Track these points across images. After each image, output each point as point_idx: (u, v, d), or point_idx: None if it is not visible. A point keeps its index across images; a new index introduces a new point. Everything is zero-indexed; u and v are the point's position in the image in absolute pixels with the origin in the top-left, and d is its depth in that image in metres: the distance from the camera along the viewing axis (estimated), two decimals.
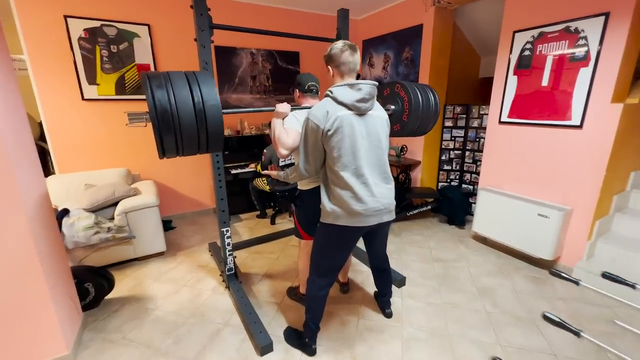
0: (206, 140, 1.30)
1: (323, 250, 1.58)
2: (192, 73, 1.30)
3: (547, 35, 2.30)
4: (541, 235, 2.38)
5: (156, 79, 1.22)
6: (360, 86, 1.38)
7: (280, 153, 1.56)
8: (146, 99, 1.19)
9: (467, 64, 3.96)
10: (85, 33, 2.81)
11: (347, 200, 1.39)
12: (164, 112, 1.17)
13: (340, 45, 1.41)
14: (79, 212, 2.41)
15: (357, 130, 1.38)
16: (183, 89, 1.22)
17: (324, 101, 1.41)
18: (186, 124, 1.22)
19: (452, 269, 2.50)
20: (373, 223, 1.47)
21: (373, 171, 1.44)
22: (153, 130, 1.21)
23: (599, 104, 2.09)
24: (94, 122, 3.01)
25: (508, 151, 2.69)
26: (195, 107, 1.23)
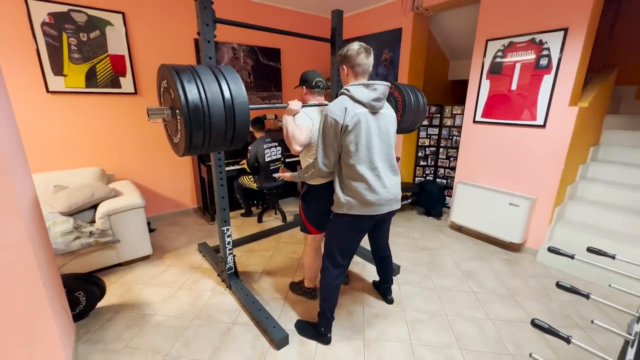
0: (232, 136, 1.29)
1: (338, 239, 1.65)
2: (217, 68, 1.28)
3: (516, 45, 2.59)
4: (512, 222, 2.70)
5: (185, 73, 1.18)
6: (376, 86, 1.47)
7: (294, 149, 1.61)
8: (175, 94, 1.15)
9: (437, 67, 4.27)
10: (49, 18, 2.53)
11: (361, 192, 1.48)
12: (196, 109, 1.14)
13: (357, 47, 1.49)
14: (54, 217, 2.19)
15: (372, 127, 1.47)
16: (213, 84, 1.20)
17: (341, 99, 1.47)
18: (216, 120, 1.20)
19: (438, 256, 2.72)
20: (385, 211, 1.57)
21: (384, 164, 1.54)
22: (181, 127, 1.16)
23: (559, 106, 2.43)
24: (61, 117, 2.72)
25: (481, 148, 2.98)
26: (225, 104, 1.21)
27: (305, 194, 1.85)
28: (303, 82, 1.83)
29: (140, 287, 2.24)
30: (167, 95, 1.28)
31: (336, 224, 1.63)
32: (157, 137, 3.23)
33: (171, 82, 1.17)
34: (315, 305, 1.96)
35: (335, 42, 2.38)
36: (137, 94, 3.04)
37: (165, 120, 1.35)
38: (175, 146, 1.35)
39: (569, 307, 2.06)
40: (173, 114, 1.25)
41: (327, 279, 1.68)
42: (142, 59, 3.01)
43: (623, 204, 2.60)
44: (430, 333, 1.82)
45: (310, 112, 1.73)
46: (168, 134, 1.42)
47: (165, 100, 1.33)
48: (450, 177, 3.78)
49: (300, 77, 1.84)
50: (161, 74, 1.29)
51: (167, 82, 1.23)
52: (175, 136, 1.32)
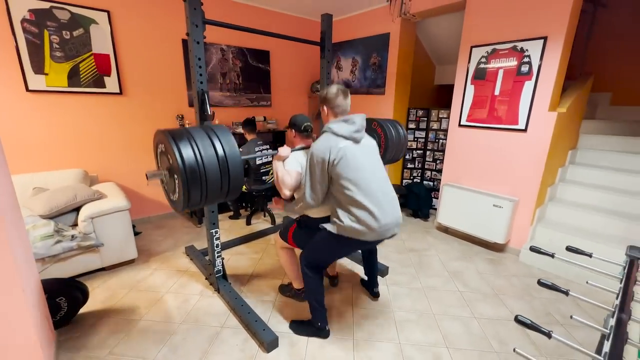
0: (227, 190, 1.37)
1: (326, 254, 1.70)
2: (210, 129, 1.36)
3: (499, 52, 2.69)
4: (495, 223, 2.78)
5: (180, 135, 1.26)
6: (354, 119, 1.58)
7: (284, 194, 1.67)
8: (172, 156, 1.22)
9: (424, 71, 4.36)
10: (30, 15, 2.46)
11: (364, 219, 1.49)
12: (193, 170, 1.22)
13: (335, 91, 1.60)
14: (33, 220, 2.12)
15: (358, 156, 1.55)
16: (207, 145, 1.28)
17: (324, 137, 1.57)
18: (212, 178, 1.27)
19: (425, 257, 2.77)
20: (387, 236, 1.60)
21: (380, 190, 1.57)
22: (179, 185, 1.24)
23: (540, 111, 2.53)
24: (42, 117, 2.64)
25: (467, 151, 3.07)
26: (220, 162, 1.29)
27: (302, 222, 1.87)
28: (292, 125, 1.87)
29: (124, 292, 2.18)
30: (164, 158, 1.35)
31: (331, 241, 1.62)
32: (142, 138, 3.17)
33: (168, 146, 1.24)
34: (304, 305, 1.98)
35: (325, 46, 2.40)
36: (123, 94, 2.97)
37: (164, 182, 1.42)
38: (173, 203, 1.41)
39: (550, 305, 2.14)
40: (171, 175, 1.32)
41: (308, 278, 1.73)
42: (128, 58, 2.95)
43: (599, 205, 2.72)
44: (418, 332, 1.86)
45: (299, 155, 1.79)
46: (166, 191, 1.47)
47: (162, 162, 1.39)
48: (437, 180, 3.86)
49: (290, 121, 1.89)
50: (157, 139, 1.37)
51: (164, 146, 1.29)
52: (173, 194, 1.37)
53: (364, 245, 1.61)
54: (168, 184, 1.38)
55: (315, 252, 1.72)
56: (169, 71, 3.21)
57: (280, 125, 4.22)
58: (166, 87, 3.22)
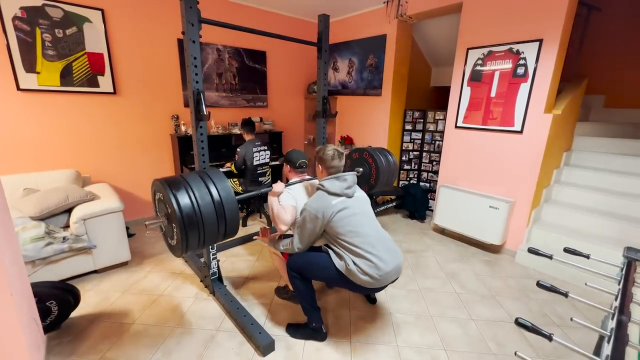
0: (224, 230, 1.42)
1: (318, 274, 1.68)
2: (205, 173, 1.44)
3: (495, 54, 2.70)
4: (492, 224, 2.78)
5: (176, 184, 1.32)
6: (346, 177, 1.68)
7: (280, 229, 1.74)
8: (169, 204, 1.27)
9: (420, 73, 4.38)
10: (22, 12, 2.41)
11: (366, 268, 1.51)
12: (190, 217, 1.26)
13: (331, 153, 1.70)
14: (23, 221, 2.07)
15: (352, 208, 1.61)
16: (203, 191, 1.34)
17: (318, 194, 1.65)
18: (209, 221, 1.32)
19: (422, 259, 2.77)
20: (386, 284, 1.61)
21: (378, 239, 1.61)
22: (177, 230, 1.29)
23: (535, 113, 2.54)
24: (34, 116, 2.59)
25: (463, 152, 3.07)
26: (215, 204, 1.34)
27: None
28: (288, 161, 1.97)
29: (117, 295, 2.14)
30: (162, 206, 1.40)
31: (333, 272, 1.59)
32: (137, 138, 3.13)
33: (165, 195, 1.29)
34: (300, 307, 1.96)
35: (322, 46, 2.39)
36: (117, 93, 2.93)
37: (162, 229, 1.46)
38: (172, 248, 1.47)
39: (547, 306, 2.14)
40: (169, 222, 1.36)
41: (295, 281, 1.72)
42: (123, 57, 2.91)
43: (594, 207, 2.74)
44: (415, 335, 1.84)
45: (293, 190, 1.87)
46: (165, 236, 1.52)
47: (160, 209, 1.45)
48: (433, 181, 3.87)
49: (285, 156, 1.98)
50: (155, 187, 1.42)
51: (162, 195, 1.34)
52: (171, 240, 1.42)
53: (362, 290, 1.64)
54: (167, 230, 1.43)
55: (310, 269, 1.68)
56: (164, 71, 3.17)
57: (276, 126, 4.19)
58: (161, 86, 3.19)
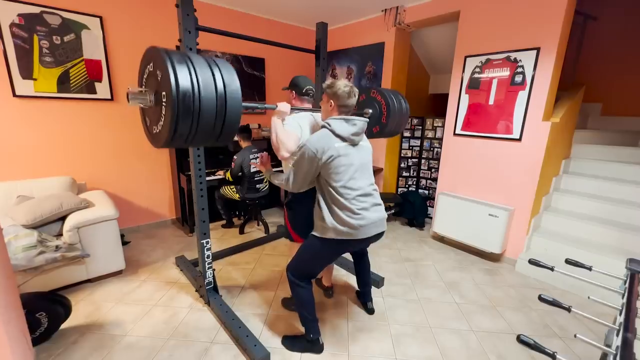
0: (220, 130, 1.18)
1: (312, 259, 1.66)
2: (210, 57, 1.18)
3: (492, 62, 2.70)
4: (491, 233, 2.76)
5: (177, 55, 1.07)
6: (355, 122, 1.55)
7: (281, 155, 1.63)
8: (164, 76, 1.03)
9: (419, 80, 4.39)
10: (20, 19, 2.41)
11: (347, 219, 1.49)
12: (186, 92, 1.03)
13: (347, 90, 1.53)
14: (15, 230, 2.03)
15: (352, 159, 1.53)
16: (205, 70, 1.10)
17: (323, 132, 1.53)
18: (206, 108, 1.08)
19: (421, 267, 2.73)
20: (370, 234, 1.58)
21: (366, 190, 1.58)
22: (166, 114, 1.05)
23: (533, 121, 2.54)
24: (29, 123, 2.56)
25: (462, 160, 3.06)
26: (217, 91, 1.10)
27: (291, 202, 1.85)
28: (293, 86, 1.82)
29: (110, 306, 2.09)
30: (151, 80, 1.15)
31: (315, 246, 1.61)
32: (133, 144, 3.10)
33: (160, 63, 1.05)
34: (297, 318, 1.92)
35: (319, 54, 2.39)
36: (114, 100, 2.92)
37: (146, 106, 1.21)
38: (153, 137, 1.22)
39: (548, 317, 2.10)
40: (157, 100, 1.12)
41: (298, 290, 1.68)
42: (120, 64, 2.91)
43: (594, 215, 2.72)
44: (415, 347, 1.80)
45: (301, 120, 1.73)
46: (146, 124, 1.29)
47: (148, 86, 1.19)
48: (432, 188, 3.85)
49: (291, 81, 1.84)
50: (147, 57, 1.17)
51: (153, 64, 1.12)
52: (156, 125, 1.17)
53: (348, 246, 1.59)
54: (151, 111, 1.19)
55: (301, 261, 1.67)
56: None
57: None
58: None
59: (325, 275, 2.27)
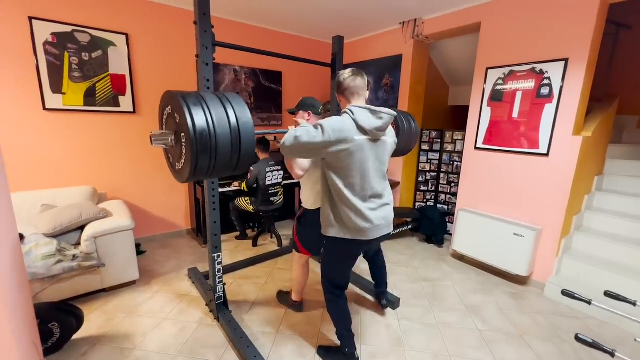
0: (237, 160, 1.25)
1: (332, 264, 1.68)
2: (222, 94, 1.28)
3: (516, 74, 2.59)
4: (517, 253, 2.58)
5: (191, 97, 1.16)
6: (382, 114, 1.42)
7: (296, 174, 1.59)
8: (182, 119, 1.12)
9: (438, 92, 4.29)
10: (53, 38, 2.55)
11: (352, 218, 1.45)
12: (203, 132, 1.11)
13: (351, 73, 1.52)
14: (37, 238, 2.09)
15: (368, 155, 1.43)
16: (219, 108, 1.18)
17: (345, 119, 1.40)
18: (222, 144, 1.16)
19: (440, 288, 2.58)
20: (376, 236, 1.54)
21: (376, 191, 1.51)
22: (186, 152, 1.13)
23: (562, 135, 2.38)
24: (56, 135, 2.68)
25: (483, 175, 2.92)
26: (231, 127, 1.18)
27: (301, 217, 1.92)
28: (309, 107, 1.86)
29: (122, 317, 2.10)
30: (171, 121, 1.25)
31: (329, 248, 1.64)
32: (153, 156, 3.18)
33: (177, 106, 1.15)
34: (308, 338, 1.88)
35: (335, 67, 2.38)
36: (136, 112, 3.02)
37: (168, 146, 1.30)
38: (177, 173, 1.31)
39: (583, 350, 1.90)
40: (177, 139, 1.22)
41: (331, 303, 1.69)
42: (144, 79, 3.01)
43: (631, 236, 2.49)
44: None
45: None
46: (169, 161, 1.37)
47: (168, 126, 1.29)
48: (452, 203, 3.69)
49: (304, 103, 1.87)
50: (165, 101, 1.28)
51: (171, 107, 1.22)
52: (178, 162, 1.26)
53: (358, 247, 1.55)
54: (173, 150, 1.29)
55: (325, 266, 1.71)
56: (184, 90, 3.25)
57: None
58: None
59: None
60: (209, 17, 1.72)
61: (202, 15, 1.70)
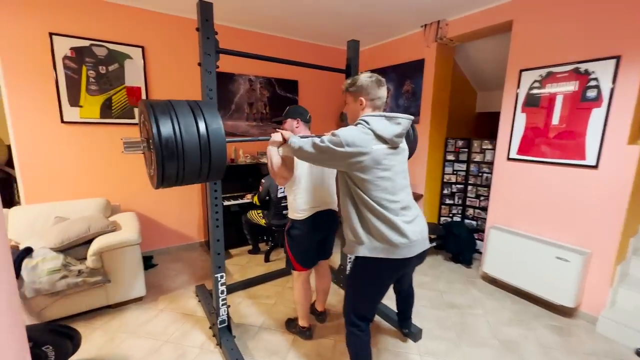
0: (208, 169, 1.28)
1: (360, 290, 1.45)
2: (194, 102, 1.28)
3: (555, 75, 2.30)
4: (561, 280, 2.24)
5: (159, 106, 1.17)
6: (399, 120, 1.34)
7: (279, 182, 1.65)
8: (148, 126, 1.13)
9: (464, 98, 4.01)
10: (71, 52, 2.60)
11: (386, 233, 1.29)
12: (168, 139, 1.12)
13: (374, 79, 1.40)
14: (44, 252, 2.06)
15: (390, 164, 1.31)
16: (187, 116, 1.19)
17: (359, 129, 1.30)
18: (190, 151, 1.18)
19: (469, 317, 2.28)
20: (414, 254, 1.35)
21: (406, 201, 1.38)
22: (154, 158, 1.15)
23: (615, 145, 2.05)
24: (73, 147, 2.71)
25: (517, 188, 2.60)
26: (200, 134, 1.19)
27: (290, 229, 1.83)
28: (298, 115, 1.85)
29: (124, 337, 2.00)
30: (144, 130, 1.28)
31: (356, 273, 1.44)
32: None
33: (146, 114, 1.16)
34: None
35: (350, 73, 2.22)
36: None
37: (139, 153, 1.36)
38: (150, 179, 1.32)
39: None
40: (148, 147, 1.23)
41: (353, 337, 1.46)
42: (158, 90, 3.01)
43: None
44: None
45: None
46: (147, 166, 1.39)
47: (143, 134, 1.32)
48: (481, 219, 3.37)
49: (293, 111, 1.86)
50: (140, 110, 1.30)
51: (143, 116, 1.23)
52: (150, 168, 1.30)
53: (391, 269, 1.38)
54: (147, 156, 1.32)
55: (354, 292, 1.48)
56: None
57: None
58: None
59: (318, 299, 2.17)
60: (212, 23, 1.63)
61: (205, 21, 1.61)
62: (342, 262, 2.62)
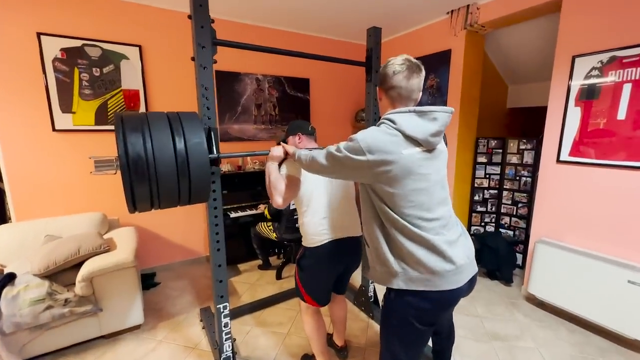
0: (188, 190, 1.12)
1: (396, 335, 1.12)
2: (175, 113, 1.15)
3: (621, 60, 1.90)
4: (633, 309, 1.84)
5: (131, 120, 1.05)
6: (436, 115, 1.04)
7: (275, 201, 1.39)
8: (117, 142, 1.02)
9: (493, 93, 3.61)
10: (62, 53, 2.37)
11: (424, 258, 1.01)
12: (137, 159, 1.00)
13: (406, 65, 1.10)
14: (27, 279, 1.82)
15: (425, 172, 1.05)
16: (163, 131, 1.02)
17: (383, 130, 1.03)
18: (164, 172, 1.04)
19: (519, 351, 1.91)
20: (465, 281, 1.07)
21: (445, 218, 1.09)
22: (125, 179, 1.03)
23: None
24: (66, 157, 2.48)
25: (571, 196, 2.21)
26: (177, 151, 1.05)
27: (301, 259, 1.55)
28: (299, 129, 1.61)
29: None
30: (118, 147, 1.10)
31: (390, 312, 1.11)
32: None
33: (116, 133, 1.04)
34: None
35: (371, 66, 1.89)
36: None
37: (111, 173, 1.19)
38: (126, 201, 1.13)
39: None
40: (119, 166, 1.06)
41: None
42: (158, 93, 2.76)
43: None
44: None
45: None
46: None
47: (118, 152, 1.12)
48: (519, 228, 2.97)
49: (290, 128, 1.63)
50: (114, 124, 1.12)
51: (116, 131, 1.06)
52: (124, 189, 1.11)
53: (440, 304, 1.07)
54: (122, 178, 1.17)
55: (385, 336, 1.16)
56: None
57: None
58: None
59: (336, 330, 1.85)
60: (207, 8, 1.34)
61: (198, 6, 1.32)
62: (364, 283, 2.29)
